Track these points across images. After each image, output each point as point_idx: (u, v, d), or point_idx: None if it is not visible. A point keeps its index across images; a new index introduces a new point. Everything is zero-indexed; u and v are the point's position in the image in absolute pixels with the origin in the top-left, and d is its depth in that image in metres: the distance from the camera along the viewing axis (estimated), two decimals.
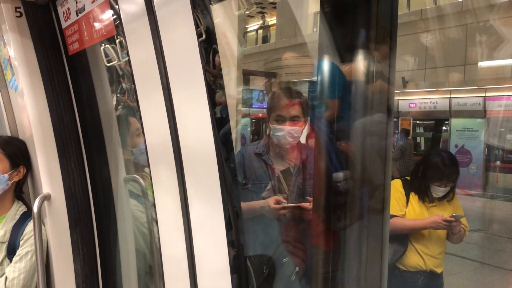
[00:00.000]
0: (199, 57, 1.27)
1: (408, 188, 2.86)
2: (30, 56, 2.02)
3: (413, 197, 2.85)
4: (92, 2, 1.73)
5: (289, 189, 2.38)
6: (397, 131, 15.96)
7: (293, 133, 2.31)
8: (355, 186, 1.55)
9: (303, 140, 2.42)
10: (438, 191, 2.75)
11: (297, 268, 2.26)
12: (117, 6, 1.54)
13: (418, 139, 16.82)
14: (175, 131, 1.42)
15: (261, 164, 2.42)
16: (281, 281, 2.28)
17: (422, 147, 16.71)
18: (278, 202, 2.23)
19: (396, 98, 15.87)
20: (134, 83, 1.53)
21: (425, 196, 2.82)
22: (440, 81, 13.36)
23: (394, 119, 16.20)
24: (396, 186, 2.87)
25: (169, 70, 1.39)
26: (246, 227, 2.39)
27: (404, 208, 2.83)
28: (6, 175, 2.04)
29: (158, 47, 1.39)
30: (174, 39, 1.36)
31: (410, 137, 15.85)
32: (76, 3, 1.86)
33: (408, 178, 2.93)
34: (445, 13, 12.76)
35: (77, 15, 1.87)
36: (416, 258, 2.80)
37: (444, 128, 15.25)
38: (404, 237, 2.81)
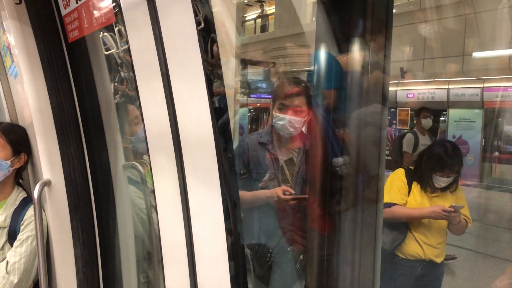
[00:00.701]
0: (198, 45, 1.29)
1: (411, 178, 2.89)
2: (30, 43, 2.03)
3: (416, 187, 2.87)
4: None
5: (293, 179, 2.39)
6: (394, 122, 16.00)
7: (294, 122, 2.31)
8: (353, 171, 1.58)
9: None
10: (440, 181, 2.77)
11: (301, 257, 2.29)
12: None
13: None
14: (174, 118, 1.44)
15: (265, 153, 2.43)
16: (286, 269, 2.31)
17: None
18: (286, 193, 2.25)
19: (394, 88, 15.87)
20: (133, 71, 1.55)
21: (427, 186, 2.84)
22: (438, 71, 13.36)
23: (392, 110, 16.21)
24: (399, 175, 2.91)
25: (168, 58, 1.41)
26: (252, 216, 2.42)
27: (405, 197, 2.87)
28: (8, 162, 2.06)
29: (157, 35, 1.41)
30: (173, 27, 1.37)
31: (408, 127, 15.88)
32: None
33: (411, 167, 2.96)
34: (444, 3, 12.71)
35: (77, 3, 1.88)
36: (415, 246, 2.84)
37: (442, 118, 15.28)
38: (404, 226, 2.85)
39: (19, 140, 2.13)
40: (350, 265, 1.56)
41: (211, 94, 1.33)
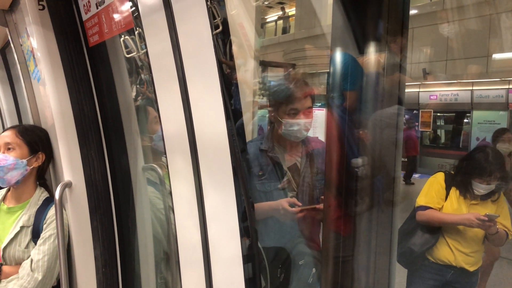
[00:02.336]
0: (213, 49, 1.30)
1: (450, 182, 2.83)
2: (52, 48, 2.08)
3: (454, 192, 2.80)
4: None
5: (298, 186, 2.30)
6: (417, 124, 15.79)
7: (308, 125, 2.23)
8: (371, 173, 1.57)
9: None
10: (479, 188, 2.67)
11: (314, 270, 2.23)
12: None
13: (438, 131, 16.60)
14: (190, 121, 1.46)
15: (268, 161, 2.32)
16: (297, 284, 2.24)
17: (442, 140, 16.49)
18: (291, 204, 2.14)
19: (417, 90, 15.66)
20: (151, 75, 1.58)
21: (466, 193, 2.75)
22: (461, 72, 13.14)
23: (415, 111, 16.00)
24: (438, 179, 2.85)
25: (184, 62, 1.43)
26: (261, 229, 2.36)
27: (442, 201, 2.81)
28: (25, 160, 2.11)
29: (174, 39, 1.43)
30: (189, 31, 1.39)
31: (431, 129, 15.66)
32: None
33: (452, 172, 2.88)
34: (467, 3, 12.50)
35: (97, 8, 1.92)
36: (446, 252, 2.80)
37: (465, 120, 15.01)
38: (436, 230, 2.81)
39: (36, 140, 2.18)
40: (366, 269, 1.56)
41: (226, 97, 1.34)
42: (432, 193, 2.84)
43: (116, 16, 1.78)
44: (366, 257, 1.58)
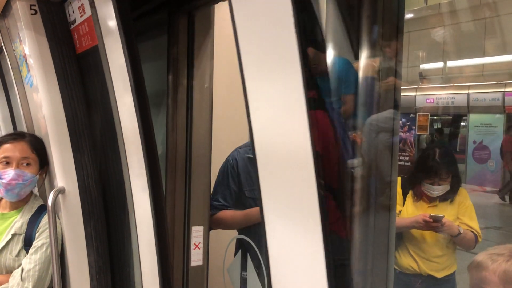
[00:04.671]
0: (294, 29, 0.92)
1: (405, 186, 2.71)
2: (45, 53, 2.07)
3: (410, 196, 2.69)
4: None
5: None
6: (414, 127, 15.82)
7: None
8: (366, 174, 1.50)
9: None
10: (431, 189, 2.55)
11: None
12: None
13: (435, 135, 16.64)
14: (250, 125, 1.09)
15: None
16: None
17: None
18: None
19: (413, 93, 15.71)
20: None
21: (422, 195, 2.63)
22: (458, 76, 13.19)
23: (411, 115, 16.09)
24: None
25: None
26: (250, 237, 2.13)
27: (399, 206, 2.69)
28: (37, 176, 2.10)
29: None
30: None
31: (427, 133, 15.71)
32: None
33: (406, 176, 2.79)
34: (463, 7, 12.57)
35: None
36: (408, 259, 2.64)
37: (462, 123, 15.06)
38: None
39: (44, 154, 2.16)
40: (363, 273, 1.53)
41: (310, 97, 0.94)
42: None
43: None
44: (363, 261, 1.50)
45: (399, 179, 2.73)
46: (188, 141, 2.12)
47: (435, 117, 15.95)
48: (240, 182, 2.27)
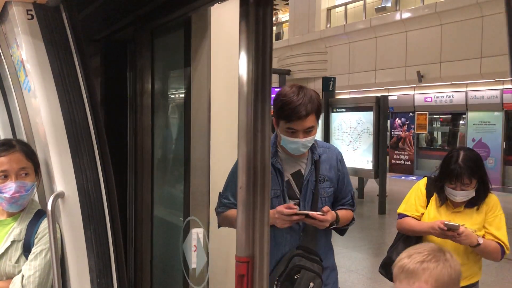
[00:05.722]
0: None
1: (430, 188, 2.59)
2: (42, 57, 2.07)
3: (435, 199, 2.57)
4: None
5: (301, 193, 2.21)
6: (413, 126, 15.84)
7: (307, 143, 2.14)
8: None
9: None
10: (453, 194, 2.43)
11: (311, 284, 2.09)
12: None
13: (434, 133, 16.66)
14: None
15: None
16: None
17: (439, 142, 16.55)
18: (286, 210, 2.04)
19: (412, 92, 15.75)
20: None
21: (446, 200, 2.52)
22: (456, 74, 13.19)
23: (410, 114, 16.19)
24: (420, 185, 2.63)
25: None
26: None
27: (422, 208, 2.59)
28: (35, 183, 2.10)
29: None
30: None
31: (426, 131, 15.72)
32: None
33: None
34: (460, 5, 12.59)
35: None
36: None
37: (461, 122, 15.08)
38: (417, 239, 2.53)
39: (36, 158, 2.15)
40: None
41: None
42: (412, 200, 2.63)
43: None
44: None
45: (425, 179, 2.66)
46: (186, 145, 2.13)
47: (434, 116, 15.97)
48: None
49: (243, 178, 1.48)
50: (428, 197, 2.59)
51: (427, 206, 2.58)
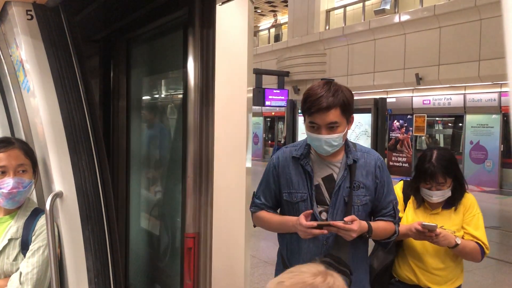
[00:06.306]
0: None
1: (407, 191, 2.54)
2: (41, 57, 2.08)
3: (412, 202, 2.52)
4: None
5: (331, 199, 2.06)
6: (411, 128, 15.86)
7: (332, 141, 1.98)
8: None
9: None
10: (429, 194, 2.38)
11: None
12: None
13: (436, 136, 16.67)
14: None
15: (299, 169, 2.09)
16: None
17: (439, 144, 16.56)
18: (307, 217, 1.92)
19: (410, 94, 15.77)
20: None
21: (422, 201, 2.47)
22: (454, 77, 13.22)
23: (409, 116, 16.18)
24: (396, 188, 2.51)
25: None
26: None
27: (399, 213, 2.41)
28: (33, 180, 2.11)
29: None
30: None
31: (425, 134, 15.73)
32: None
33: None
34: (458, 8, 12.63)
35: None
36: (406, 270, 2.47)
37: (459, 124, 15.10)
38: (396, 244, 2.46)
39: (34, 156, 2.16)
40: None
41: None
42: None
43: None
44: None
45: (401, 183, 2.60)
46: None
47: (432, 118, 15.98)
48: (280, 184, 2.14)
49: (190, 169, 1.88)
50: (405, 200, 2.54)
51: (404, 210, 2.53)
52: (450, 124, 15.83)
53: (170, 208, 2.68)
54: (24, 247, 2.04)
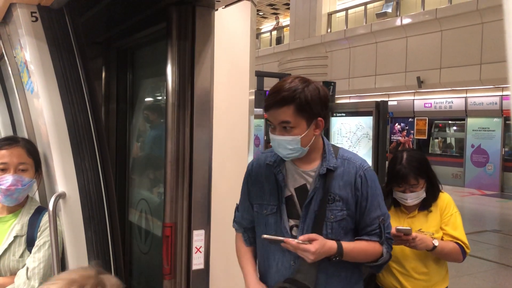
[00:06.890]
0: None
1: (386, 195, 2.38)
2: (45, 59, 2.09)
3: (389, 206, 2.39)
4: None
5: (302, 213, 1.79)
6: (412, 131, 15.86)
7: (285, 144, 1.71)
8: None
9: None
10: (403, 198, 2.31)
11: None
12: None
13: (439, 139, 16.66)
14: None
15: (271, 178, 1.83)
16: None
17: (436, 147, 16.56)
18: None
19: (411, 97, 15.77)
20: None
21: (397, 205, 2.41)
22: (456, 80, 13.23)
23: (410, 119, 16.18)
24: None
25: None
26: None
27: None
28: (34, 179, 2.12)
29: None
30: None
31: (426, 137, 15.73)
32: None
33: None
34: (460, 12, 12.64)
35: None
36: (390, 277, 2.38)
37: (460, 128, 15.09)
38: None
39: (38, 157, 2.18)
40: None
41: None
42: None
43: None
44: None
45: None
46: (188, 145, 2.16)
47: (434, 122, 15.99)
48: (250, 194, 1.92)
49: (169, 168, 2.10)
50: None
51: None
52: (451, 128, 15.83)
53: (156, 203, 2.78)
54: (30, 243, 2.05)
